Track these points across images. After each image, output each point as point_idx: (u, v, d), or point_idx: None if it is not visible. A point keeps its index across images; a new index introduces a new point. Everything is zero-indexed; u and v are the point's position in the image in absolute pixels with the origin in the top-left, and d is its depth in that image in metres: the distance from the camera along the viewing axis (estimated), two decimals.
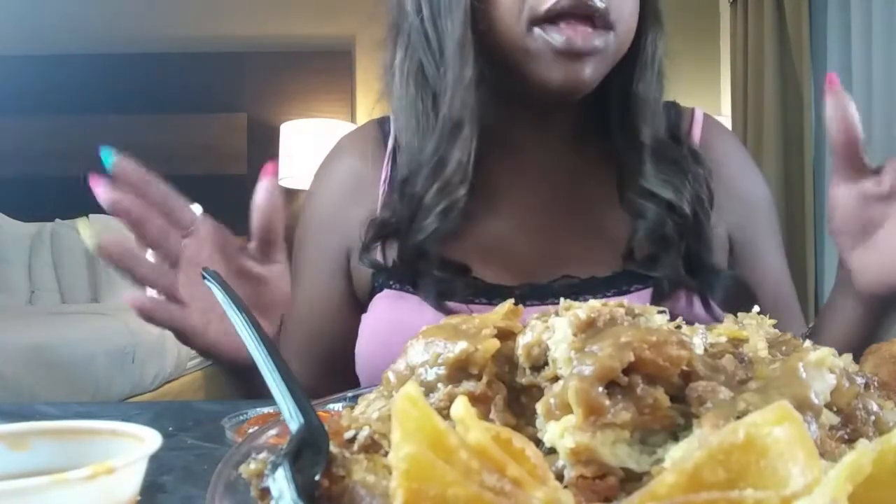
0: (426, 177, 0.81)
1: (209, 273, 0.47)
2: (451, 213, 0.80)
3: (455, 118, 0.79)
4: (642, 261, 0.82)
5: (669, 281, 0.79)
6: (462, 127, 0.79)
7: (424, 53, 0.82)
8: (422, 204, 0.81)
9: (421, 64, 0.82)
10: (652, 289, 0.81)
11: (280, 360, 0.37)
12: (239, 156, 3.96)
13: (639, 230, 0.81)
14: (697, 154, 0.87)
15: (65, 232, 3.59)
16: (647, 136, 0.83)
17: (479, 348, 0.34)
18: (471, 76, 0.77)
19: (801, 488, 0.22)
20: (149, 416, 0.70)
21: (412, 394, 0.26)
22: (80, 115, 3.88)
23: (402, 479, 0.23)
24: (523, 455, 0.26)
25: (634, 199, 0.82)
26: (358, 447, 0.33)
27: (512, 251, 0.85)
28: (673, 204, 0.81)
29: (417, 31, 0.82)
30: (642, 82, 0.83)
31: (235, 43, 3.96)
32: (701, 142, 0.91)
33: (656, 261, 0.81)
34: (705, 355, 0.34)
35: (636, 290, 0.81)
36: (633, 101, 0.83)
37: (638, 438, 0.30)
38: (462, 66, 0.77)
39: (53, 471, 0.30)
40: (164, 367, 2.86)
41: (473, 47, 0.77)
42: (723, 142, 0.94)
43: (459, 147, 0.79)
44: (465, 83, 0.77)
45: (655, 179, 0.82)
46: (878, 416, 0.34)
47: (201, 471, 0.50)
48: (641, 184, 0.82)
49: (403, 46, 0.84)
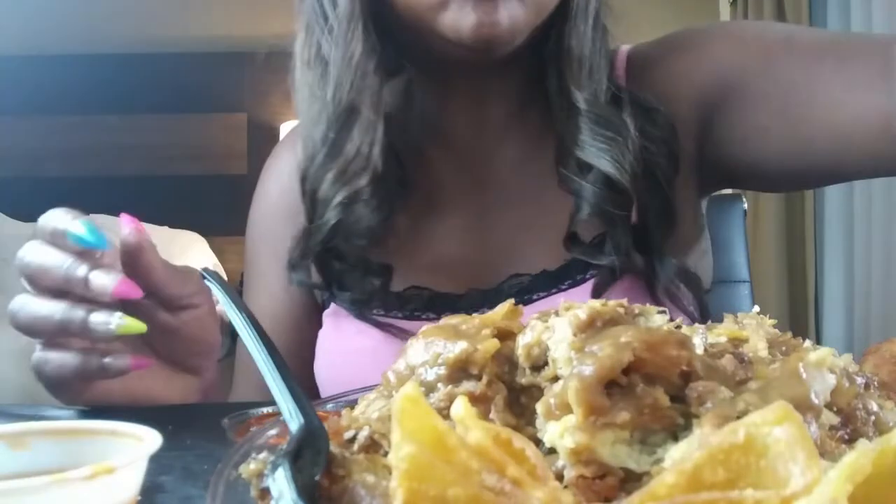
0: (319, 165, 0.74)
1: (209, 273, 0.47)
2: (353, 205, 0.73)
3: (346, 100, 0.71)
4: (587, 246, 0.74)
5: (616, 267, 0.72)
6: (357, 111, 0.71)
7: (321, 33, 0.74)
8: (316, 197, 0.75)
9: (319, 46, 0.75)
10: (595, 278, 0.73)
11: (280, 360, 0.37)
12: (239, 156, 3.96)
13: (579, 211, 0.72)
14: (650, 111, 0.75)
15: None
16: (580, 98, 0.72)
17: (479, 348, 0.34)
18: (360, 52, 0.70)
19: (801, 488, 0.22)
20: (149, 417, 0.70)
21: (412, 394, 0.26)
22: (80, 115, 3.89)
23: (402, 479, 0.23)
24: (523, 455, 0.26)
25: (570, 176, 0.73)
26: (358, 447, 0.33)
27: (457, 255, 0.79)
28: (611, 178, 0.71)
29: (314, 9, 0.74)
30: (574, 37, 0.73)
31: (235, 43, 3.96)
32: (628, 83, 0.79)
33: (602, 244, 0.73)
34: (705, 355, 0.34)
35: (591, 278, 0.74)
36: (563, 59, 0.73)
37: (638, 438, 0.30)
38: (349, 40, 0.70)
39: (53, 471, 0.30)
40: None
41: (362, 19, 0.70)
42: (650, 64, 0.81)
43: (359, 132, 0.72)
44: (354, 60, 0.70)
45: (591, 149, 0.71)
46: (878, 416, 0.34)
47: (201, 471, 0.50)
48: (577, 155, 0.72)
49: (303, 28, 0.77)
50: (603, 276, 0.74)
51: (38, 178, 3.84)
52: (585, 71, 0.73)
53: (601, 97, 0.74)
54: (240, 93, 4.00)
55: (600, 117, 0.72)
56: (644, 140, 0.73)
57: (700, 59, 0.78)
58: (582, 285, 0.75)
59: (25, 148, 3.87)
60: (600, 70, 0.75)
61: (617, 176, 0.70)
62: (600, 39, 0.75)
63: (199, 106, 3.97)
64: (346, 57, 0.71)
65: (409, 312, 0.77)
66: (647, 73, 0.80)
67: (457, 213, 0.80)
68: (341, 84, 0.71)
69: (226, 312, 0.44)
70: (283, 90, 0.82)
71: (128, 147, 3.90)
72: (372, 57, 0.71)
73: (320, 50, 0.74)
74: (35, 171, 3.86)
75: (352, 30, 0.70)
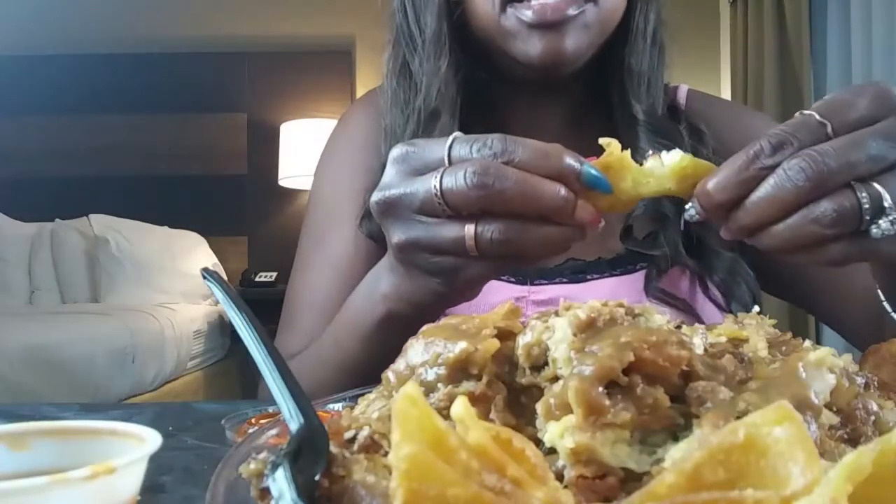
0: None
1: (209, 273, 0.47)
2: None
3: (431, 106, 0.81)
4: (642, 240, 0.82)
5: (666, 259, 0.80)
6: (438, 115, 0.81)
7: (407, 48, 0.86)
8: None
9: (405, 59, 0.86)
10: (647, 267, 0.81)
11: (280, 360, 0.37)
12: (239, 156, 3.96)
13: (636, 209, 0.81)
14: (700, 131, 0.86)
15: (65, 232, 3.59)
16: (639, 110, 0.82)
17: (479, 348, 0.34)
18: (445, 66, 0.81)
19: (801, 488, 0.22)
20: (149, 416, 0.70)
21: (412, 394, 0.26)
22: (80, 115, 3.88)
23: (402, 479, 0.23)
24: (523, 455, 0.26)
25: None
26: (358, 447, 0.33)
27: None
28: None
29: (402, 28, 0.86)
30: (634, 55, 0.83)
31: (235, 43, 3.96)
32: (686, 111, 0.90)
33: (655, 239, 0.81)
34: (705, 355, 0.34)
35: (641, 269, 0.82)
36: (625, 75, 0.83)
37: (638, 438, 0.30)
38: (437, 57, 0.81)
39: (53, 471, 0.30)
40: (164, 368, 2.85)
41: (448, 39, 0.81)
42: (707, 107, 0.93)
43: (439, 133, 0.80)
44: (440, 73, 0.81)
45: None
46: (878, 416, 0.34)
47: (201, 471, 0.50)
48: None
49: (391, 44, 0.88)
50: (656, 265, 0.81)
51: (38, 178, 3.84)
52: (644, 86, 0.83)
53: (658, 109, 0.84)
54: (240, 93, 4.00)
55: (657, 126, 0.82)
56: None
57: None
58: (633, 274, 0.82)
59: (25, 148, 3.87)
60: (657, 84, 0.85)
61: None
62: (658, 55, 0.85)
63: (199, 106, 3.97)
64: (433, 70, 0.82)
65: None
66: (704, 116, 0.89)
67: None
68: (430, 92, 0.82)
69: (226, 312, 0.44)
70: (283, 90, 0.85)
71: (128, 147, 3.90)
72: (454, 70, 0.82)
73: (406, 62, 0.86)
74: (35, 171, 3.85)
75: (439, 48, 0.81)
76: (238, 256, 3.92)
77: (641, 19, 0.83)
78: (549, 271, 0.83)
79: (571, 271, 0.82)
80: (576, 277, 0.82)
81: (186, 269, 3.47)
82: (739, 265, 0.82)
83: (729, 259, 0.82)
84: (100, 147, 3.90)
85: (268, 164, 3.74)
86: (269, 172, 3.72)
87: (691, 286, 0.82)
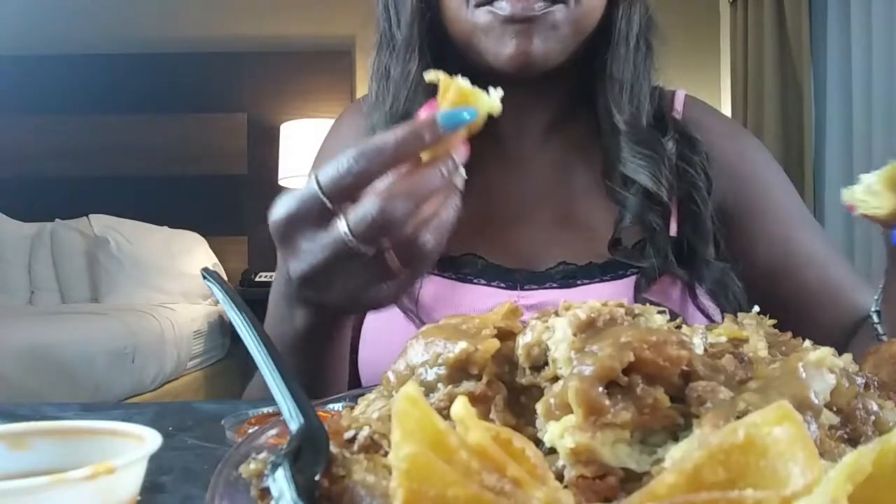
0: None
1: (209, 273, 0.47)
2: None
3: (401, 111, 0.81)
4: (629, 249, 0.81)
5: (654, 268, 0.79)
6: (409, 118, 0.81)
7: (388, 53, 0.86)
8: None
9: (387, 64, 0.86)
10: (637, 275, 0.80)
11: (280, 360, 0.37)
12: (239, 156, 3.96)
13: (623, 219, 0.81)
14: (693, 139, 0.84)
15: (65, 232, 3.59)
16: (620, 119, 0.81)
17: (479, 348, 0.34)
18: (415, 69, 0.80)
19: (801, 488, 0.22)
20: (149, 416, 0.70)
21: (412, 394, 0.26)
22: (80, 115, 3.88)
23: (402, 479, 0.23)
24: (523, 455, 0.26)
25: (614, 188, 0.82)
26: (358, 447, 0.33)
27: (509, 238, 0.85)
28: (650, 191, 0.79)
29: (384, 32, 0.86)
30: (615, 61, 0.81)
31: (235, 43, 3.96)
32: (683, 119, 0.88)
33: (643, 249, 0.81)
34: (705, 355, 0.34)
35: (632, 275, 0.81)
36: (607, 83, 0.81)
37: (638, 438, 0.30)
38: (407, 60, 0.81)
39: (53, 471, 0.30)
40: (164, 367, 2.85)
41: (419, 42, 0.80)
42: (705, 115, 0.91)
43: None
44: (409, 77, 0.81)
45: (632, 165, 0.80)
46: (878, 416, 0.34)
47: (201, 471, 0.50)
48: (620, 170, 0.81)
49: (376, 48, 0.88)
50: (644, 274, 0.80)
51: (38, 178, 3.84)
52: (626, 95, 0.82)
53: (642, 118, 0.82)
54: (240, 93, 4.00)
55: (639, 137, 0.81)
56: (684, 163, 0.82)
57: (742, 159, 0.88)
58: (623, 279, 0.81)
59: (25, 148, 3.87)
60: (642, 91, 0.83)
61: (655, 189, 0.79)
62: (643, 61, 0.83)
63: (199, 106, 3.97)
64: (403, 73, 0.82)
65: (462, 276, 0.83)
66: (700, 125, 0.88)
67: (505, 203, 0.87)
68: (398, 96, 0.82)
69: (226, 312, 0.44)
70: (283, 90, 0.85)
71: (128, 147, 3.90)
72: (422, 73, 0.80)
73: (387, 67, 0.85)
74: (35, 171, 3.85)
75: (410, 51, 0.81)
76: (238, 256, 3.91)
77: (624, 23, 0.81)
78: (540, 276, 0.82)
79: (562, 276, 0.82)
80: (566, 282, 0.81)
81: (186, 269, 3.47)
82: (729, 276, 0.81)
83: (719, 269, 0.81)
84: (100, 147, 3.90)
85: (268, 164, 3.74)
86: (269, 172, 3.72)
87: (682, 295, 0.81)
